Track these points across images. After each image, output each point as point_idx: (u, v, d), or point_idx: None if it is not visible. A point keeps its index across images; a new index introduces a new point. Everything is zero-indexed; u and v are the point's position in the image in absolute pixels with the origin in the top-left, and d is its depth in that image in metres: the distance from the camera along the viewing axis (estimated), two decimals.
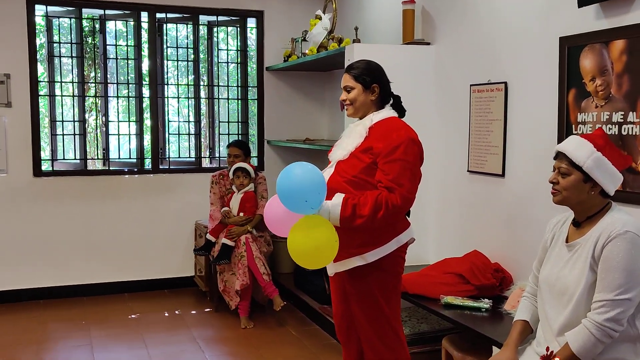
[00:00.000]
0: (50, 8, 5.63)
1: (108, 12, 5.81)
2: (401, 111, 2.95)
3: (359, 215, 2.61)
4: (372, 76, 2.84)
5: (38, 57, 5.54)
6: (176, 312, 5.28)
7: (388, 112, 2.87)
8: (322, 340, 4.59)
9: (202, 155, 6.20)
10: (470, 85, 4.00)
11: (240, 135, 6.22)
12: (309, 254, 2.53)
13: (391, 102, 2.93)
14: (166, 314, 5.22)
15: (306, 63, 5.35)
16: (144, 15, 5.85)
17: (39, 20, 5.59)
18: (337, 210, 2.61)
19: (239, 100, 6.25)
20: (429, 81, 4.38)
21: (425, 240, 4.41)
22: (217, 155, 6.26)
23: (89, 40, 5.92)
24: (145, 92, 5.89)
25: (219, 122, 6.25)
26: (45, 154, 5.72)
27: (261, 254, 4.92)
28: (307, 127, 6.26)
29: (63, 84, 5.78)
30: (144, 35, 5.91)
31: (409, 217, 2.90)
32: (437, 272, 3.69)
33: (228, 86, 6.27)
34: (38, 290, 5.55)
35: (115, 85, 5.99)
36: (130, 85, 5.93)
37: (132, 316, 5.16)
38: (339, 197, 2.65)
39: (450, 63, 4.23)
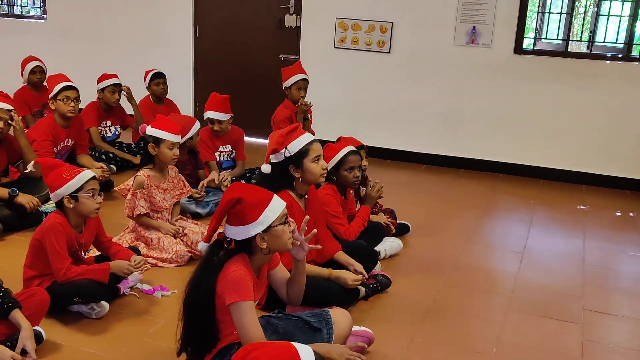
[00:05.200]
0: None
1: None
2: None
3: None
4: None
5: None
6: (630, 214, 4.85)
7: None
8: None
9: None
10: None
11: None
12: None
13: None
14: (618, 214, 4.85)
15: None
16: None
17: None
18: None
19: None
20: None
21: None
22: None
23: None
24: None
25: None
26: (530, 32, 5.72)
27: None
28: None
29: None
30: None
31: None
32: None
33: None
34: (498, 164, 5.82)
35: None
36: None
37: (581, 207, 4.97)
38: None
39: None
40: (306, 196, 3.05)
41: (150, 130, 3.48)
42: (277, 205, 2.29)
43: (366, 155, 3.92)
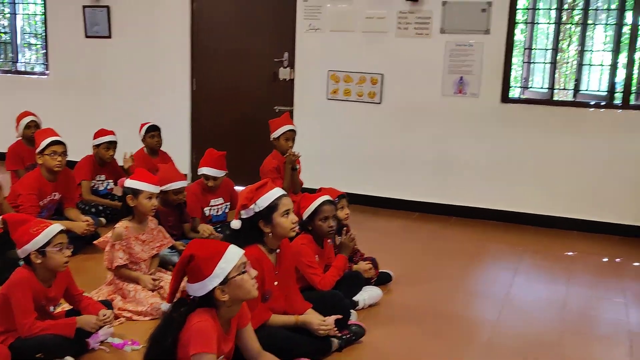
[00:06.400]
0: None
1: None
2: None
3: None
4: None
5: None
6: (617, 260, 4.83)
7: None
8: None
9: None
10: None
11: None
12: None
13: None
14: (604, 260, 4.84)
15: None
16: None
17: None
18: None
19: None
20: None
21: None
22: None
23: None
24: (630, 19, 5.30)
25: None
26: (516, 81, 5.82)
27: None
28: None
29: (543, 11, 5.72)
30: None
31: None
32: None
33: None
34: (488, 211, 5.83)
35: (597, 12, 5.60)
36: (612, 11, 5.44)
37: (569, 253, 4.97)
38: None
39: None
40: (278, 250, 3.07)
41: (129, 183, 3.58)
42: (232, 256, 2.33)
43: (348, 204, 3.98)
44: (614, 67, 5.39)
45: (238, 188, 4.78)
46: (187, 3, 6.64)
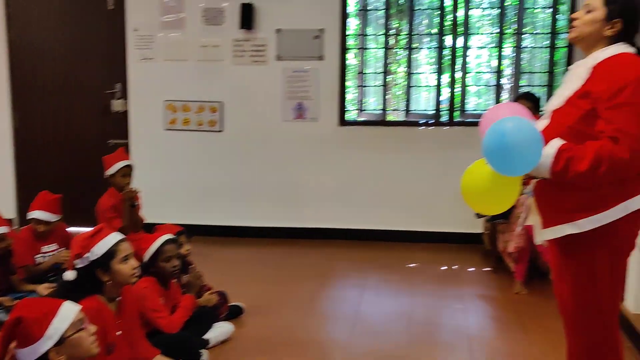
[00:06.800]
0: None
1: None
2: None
3: (573, 171, 2.11)
4: (623, 8, 2.22)
5: (351, 11, 5.83)
6: (453, 267, 5.16)
7: (618, 47, 2.23)
8: None
9: None
10: None
11: (547, 87, 5.64)
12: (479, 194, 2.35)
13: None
14: (443, 268, 5.14)
15: None
16: None
17: None
18: (547, 162, 2.15)
19: (548, 49, 5.65)
20: None
21: None
22: None
23: None
24: (449, 42, 5.72)
25: (520, 73, 5.77)
26: (352, 104, 6.04)
27: None
28: None
29: (373, 36, 6.02)
30: None
31: None
32: None
33: (535, 34, 5.72)
34: (335, 231, 5.98)
35: (420, 36, 5.99)
36: (434, 36, 5.85)
37: (411, 265, 5.22)
38: (552, 147, 2.17)
39: None
40: (119, 298, 2.89)
41: None
42: (67, 313, 2.14)
43: (187, 239, 3.86)
44: (438, 87, 5.78)
45: (72, 230, 4.46)
46: (2, 32, 6.14)
